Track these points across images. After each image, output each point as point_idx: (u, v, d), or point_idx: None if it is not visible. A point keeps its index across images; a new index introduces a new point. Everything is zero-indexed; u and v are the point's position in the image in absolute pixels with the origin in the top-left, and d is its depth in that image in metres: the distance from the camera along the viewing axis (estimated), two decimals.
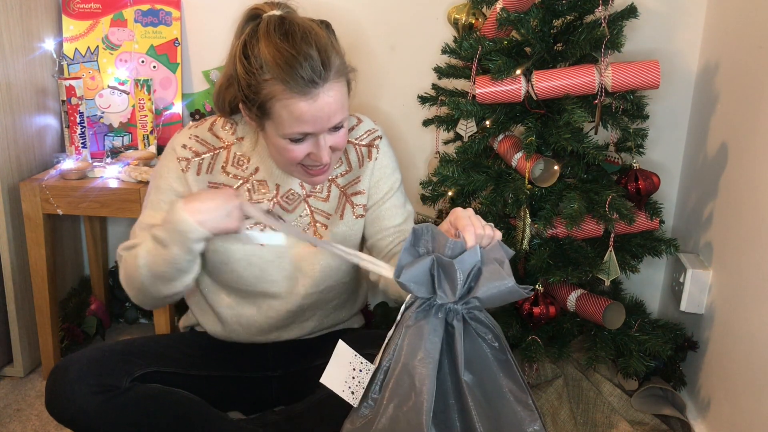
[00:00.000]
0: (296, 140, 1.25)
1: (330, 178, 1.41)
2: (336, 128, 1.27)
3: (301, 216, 1.40)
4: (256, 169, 1.37)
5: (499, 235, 1.15)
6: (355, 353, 1.18)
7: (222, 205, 1.21)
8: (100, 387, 1.24)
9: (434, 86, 1.74)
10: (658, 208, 1.58)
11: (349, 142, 1.44)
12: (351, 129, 1.45)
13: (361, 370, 1.17)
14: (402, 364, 1.06)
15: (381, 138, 1.45)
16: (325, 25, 1.29)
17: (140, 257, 1.26)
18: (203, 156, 1.36)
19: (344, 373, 1.18)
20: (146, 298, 1.32)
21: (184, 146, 1.36)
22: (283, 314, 1.43)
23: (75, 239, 2.15)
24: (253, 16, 1.27)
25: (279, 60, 1.19)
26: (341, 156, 1.44)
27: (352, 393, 1.15)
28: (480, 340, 1.11)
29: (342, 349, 1.16)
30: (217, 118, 1.40)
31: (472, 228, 1.12)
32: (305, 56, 1.18)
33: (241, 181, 1.37)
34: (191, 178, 1.35)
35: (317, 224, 1.40)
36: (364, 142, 1.44)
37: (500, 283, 1.08)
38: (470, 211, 1.17)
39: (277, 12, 1.25)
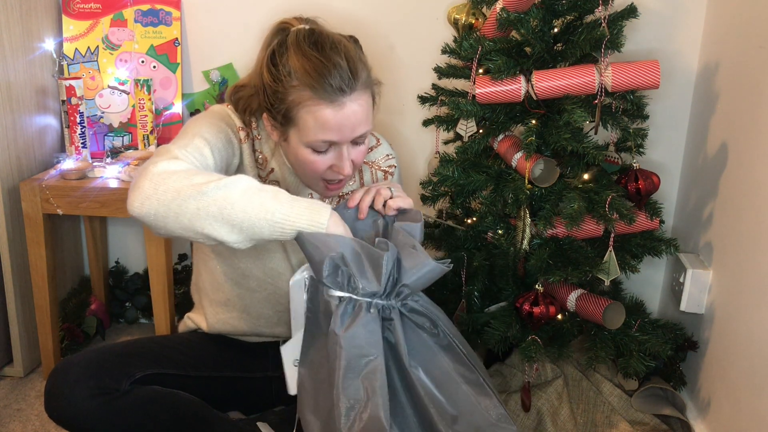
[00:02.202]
0: (319, 151, 1.24)
1: (340, 194, 1.42)
2: (357, 142, 1.27)
3: None
4: (272, 170, 1.39)
5: (403, 202, 1.22)
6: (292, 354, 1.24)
7: None
8: (100, 389, 1.24)
9: (434, 86, 1.74)
10: (658, 208, 1.58)
11: (365, 162, 1.47)
12: (371, 149, 1.48)
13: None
14: (346, 369, 1.06)
15: (396, 167, 1.50)
16: (354, 40, 1.31)
17: (233, 179, 1.10)
18: (249, 139, 1.37)
19: (295, 374, 1.22)
20: (166, 204, 1.08)
21: (241, 120, 1.35)
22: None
23: (75, 239, 2.15)
24: (282, 30, 1.27)
25: (308, 67, 1.19)
26: (356, 174, 1.46)
27: None
28: (420, 330, 1.13)
29: (284, 355, 1.20)
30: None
31: (362, 189, 1.23)
32: (334, 64, 1.19)
33: (261, 180, 1.38)
34: (247, 151, 1.35)
35: None
36: (381, 166, 1.48)
37: (421, 265, 1.10)
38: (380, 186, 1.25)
39: (305, 26, 1.26)
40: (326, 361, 1.10)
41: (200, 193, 1.07)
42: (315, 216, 1.10)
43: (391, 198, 1.24)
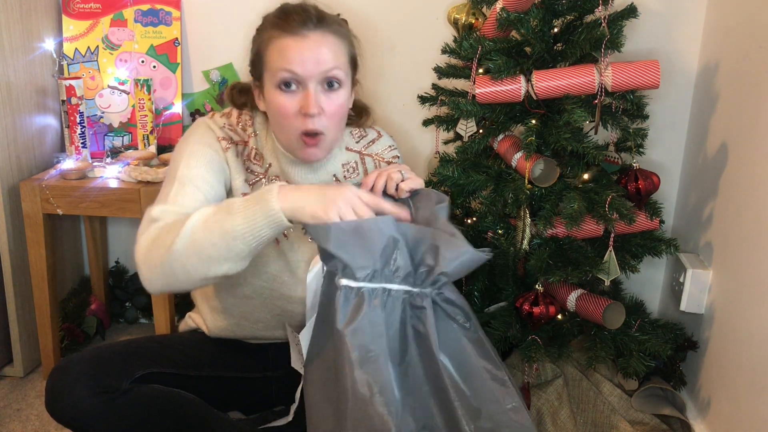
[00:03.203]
0: (286, 87, 1.26)
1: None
2: (330, 85, 1.28)
3: None
4: (270, 165, 1.39)
5: (418, 182, 1.22)
6: (292, 330, 1.33)
7: (322, 190, 1.11)
8: (100, 388, 1.24)
9: (434, 86, 1.74)
10: (658, 208, 1.58)
11: (368, 155, 1.48)
12: (372, 142, 1.49)
13: (297, 344, 1.28)
14: (350, 364, 1.05)
15: (399, 157, 1.51)
16: (342, 19, 1.37)
17: (192, 218, 1.11)
18: (236, 144, 1.37)
19: (297, 352, 1.29)
20: (158, 269, 1.13)
21: (222, 128, 1.36)
22: (291, 312, 1.43)
23: (75, 239, 2.15)
24: None
25: (278, 12, 1.28)
26: (359, 166, 1.45)
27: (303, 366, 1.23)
28: (451, 321, 1.12)
29: (288, 332, 1.24)
30: (240, 113, 1.41)
31: (373, 175, 1.23)
32: (303, 7, 1.28)
33: (260, 177, 1.38)
34: (231, 158, 1.35)
35: None
36: (385, 157, 1.48)
37: (459, 253, 1.09)
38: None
39: None
40: (331, 352, 1.10)
41: (175, 252, 1.10)
42: (265, 206, 1.09)
43: (402, 181, 1.24)
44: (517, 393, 1.11)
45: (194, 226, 1.10)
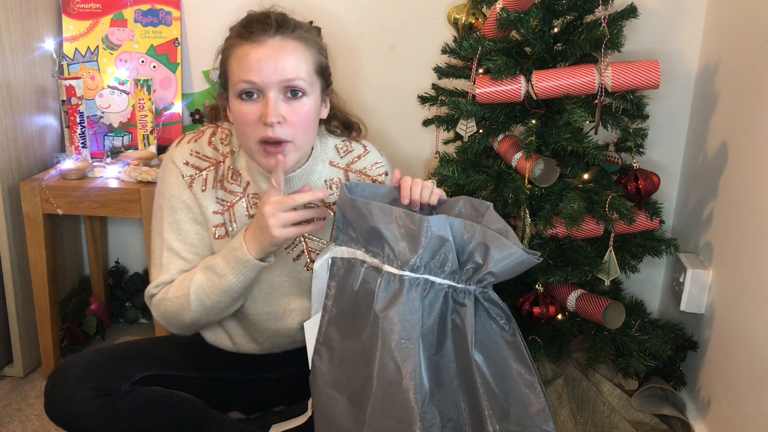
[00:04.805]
0: (246, 96, 1.23)
1: (327, 203, 1.37)
2: (294, 93, 1.24)
3: (294, 243, 1.37)
4: (248, 183, 1.35)
5: (438, 192, 1.25)
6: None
7: (258, 224, 1.22)
8: (100, 391, 1.24)
9: (434, 86, 1.74)
10: (658, 208, 1.58)
11: (353, 171, 1.41)
12: (358, 158, 1.42)
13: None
14: (382, 349, 1.06)
15: (387, 174, 1.43)
16: (316, 28, 1.33)
17: (192, 293, 1.27)
18: (205, 171, 1.34)
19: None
20: (189, 330, 1.36)
21: (186, 163, 1.34)
22: (280, 332, 1.43)
23: (75, 239, 2.15)
24: None
25: (242, 20, 1.28)
26: (342, 182, 1.41)
27: None
28: (491, 321, 1.11)
29: (308, 331, 1.24)
30: (215, 130, 1.38)
31: (408, 179, 1.24)
32: (265, 14, 1.27)
33: (239, 197, 1.35)
34: (198, 193, 1.33)
35: (312, 252, 1.38)
36: (370, 175, 1.41)
37: (509, 253, 1.07)
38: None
39: None
40: (352, 339, 1.10)
41: (195, 320, 1.30)
42: (244, 261, 1.23)
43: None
44: (546, 401, 1.11)
45: (198, 298, 1.27)
